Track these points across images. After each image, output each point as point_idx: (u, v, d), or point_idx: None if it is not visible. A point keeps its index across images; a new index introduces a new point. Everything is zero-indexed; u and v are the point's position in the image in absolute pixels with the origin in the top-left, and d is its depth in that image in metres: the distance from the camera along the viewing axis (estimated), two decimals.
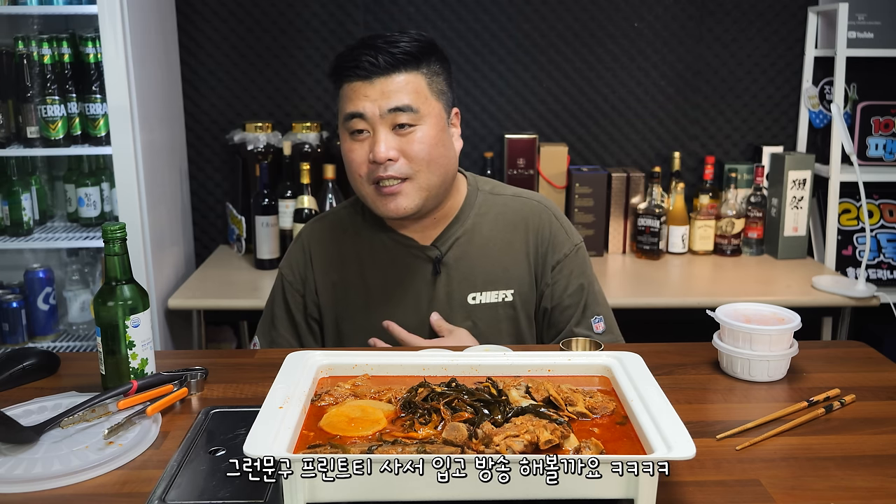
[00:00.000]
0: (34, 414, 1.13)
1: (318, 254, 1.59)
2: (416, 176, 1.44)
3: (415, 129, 1.43)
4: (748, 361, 1.25)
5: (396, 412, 0.98)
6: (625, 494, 0.82)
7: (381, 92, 1.41)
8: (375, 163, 1.41)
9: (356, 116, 1.42)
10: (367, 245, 1.57)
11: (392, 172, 1.42)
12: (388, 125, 1.42)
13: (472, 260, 1.54)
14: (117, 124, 2.28)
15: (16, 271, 2.64)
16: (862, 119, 2.83)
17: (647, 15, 2.88)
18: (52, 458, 1.00)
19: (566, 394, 1.00)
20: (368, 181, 1.44)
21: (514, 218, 1.57)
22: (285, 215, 2.61)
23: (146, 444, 1.05)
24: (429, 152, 1.44)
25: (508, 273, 1.55)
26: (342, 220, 1.61)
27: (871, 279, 2.80)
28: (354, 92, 1.42)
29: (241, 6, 2.82)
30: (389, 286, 1.55)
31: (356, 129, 1.43)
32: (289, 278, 1.61)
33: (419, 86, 1.44)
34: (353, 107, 1.42)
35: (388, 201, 1.44)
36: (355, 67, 1.42)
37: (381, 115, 1.41)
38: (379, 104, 1.41)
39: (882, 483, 0.96)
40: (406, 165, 1.42)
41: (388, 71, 1.41)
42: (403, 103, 1.41)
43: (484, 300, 1.54)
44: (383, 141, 1.41)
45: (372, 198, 1.46)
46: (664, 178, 2.85)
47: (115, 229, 1.18)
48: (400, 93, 1.41)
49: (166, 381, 1.19)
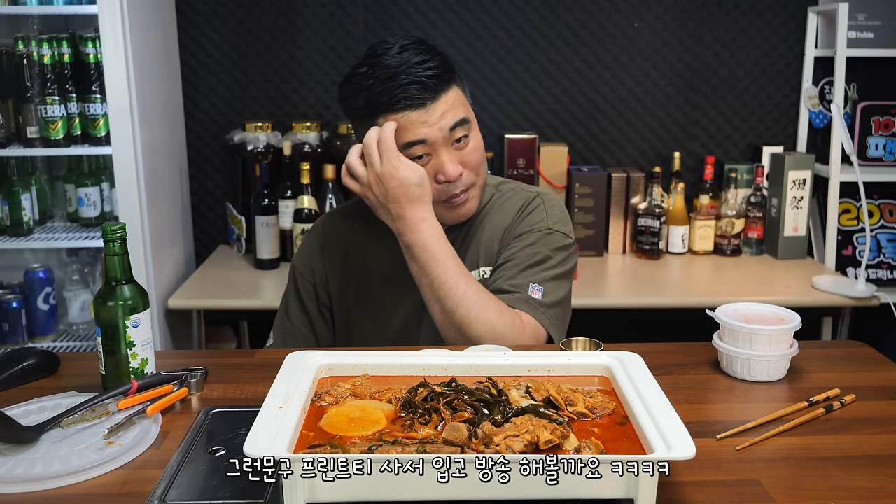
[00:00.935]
0: (34, 414, 1.13)
1: (329, 243, 1.61)
2: (476, 181, 1.49)
3: (469, 140, 1.46)
4: (748, 361, 1.25)
5: (396, 412, 0.98)
6: (625, 494, 0.82)
7: (439, 115, 1.41)
8: (447, 182, 1.44)
9: (417, 144, 1.42)
10: (379, 238, 1.56)
11: (462, 187, 1.46)
12: (450, 143, 1.44)
13: (469, 243, 1.56)
14: (117, 124, 2.28)
15: (16, 271, 2.64)
16: (862, 119, 2.83)
17: (647, 15, 2.88)
18: (52, 458, 1.00)
19: (566, 394, 1.00)
20: (436, 200, 1.45)
21: (508, 204, 1.59)
22: (285, 215, 2.61)
23: (146, 444, 1.05)
24: (481, 156, 1.49)
25: (489, 251, 1.55)
26: (353, 211, 1.63)
27: (871, 279, 2.80)
28: (411, 122, 1.41)
29: (241, 6, 2.82)
30: (398, 279, 1.55)
31: (418, 156, 1.43)
32: (300, 269, 1.62)
33: (461, 96, 1.47)
34: (412, 136, 1.41)
35: (458, 210, 1.49)
36: (405, 99, 1.40)
37: (443, 137, 1.42)
38: (439, 126, 1.41)
39: (882, 483, 0.96)
40: (469, 176, 1.47)
41: (437, 93, 1.41)
42: (460, 117, 1.44)
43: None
44: (450, 162, 1.43)
45: (440, 213, 1.46)
46: (664, 178, 2.86)
47: (115, 229, 1.18)
48: (454, 110, 1.43)
49: (166, 381, 1.19)
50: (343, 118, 2.88)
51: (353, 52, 2.86)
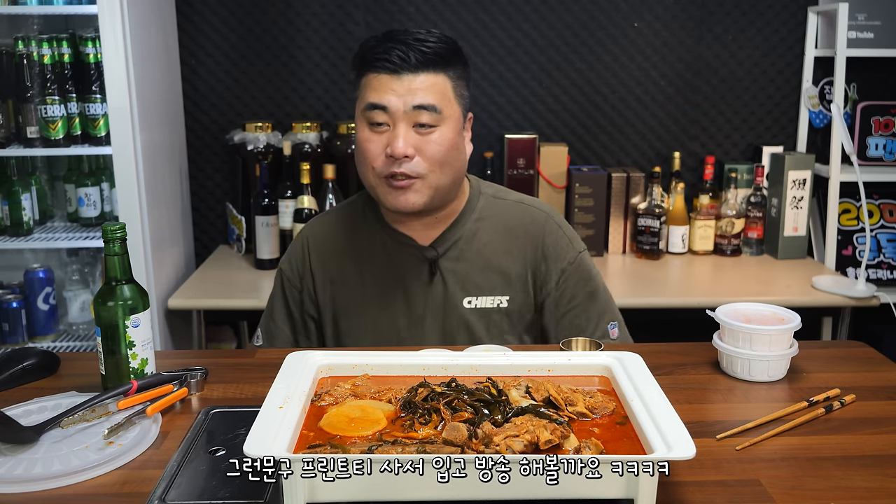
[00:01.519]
0: (34, 414, 1.13)
1: (316, 250, 1.59)
2: (428, 175, 1.44)
3: (434, 130, 1.43)
4: (748, 361, 1.25)
5: (396, 412, 0.98)
6: (625, 494, 0.82)
7: (407, 88, 1.41)
8: (392, 157, 1.41)
9: (378, 108, 1.42)
10: (366, 241, 1.57)
11: (405, 169, 1.42)
12: (409, 122, 1.41)
13: (469, 264, 1.54)
14: (117, 124, 2.28)
15: (16, 271, 2.64)
16: (862, 119, 2.83)
17: (647, 15, 2.88)
18: (52, 458, 1.00)
19: (566, 394, 1.00)
20: (380, 174, 1.44)
21: (514, 224, 1.56)
22: (285, 215, 2.61)
23: (146, 444, 1.05)
24: (444, 154, 1.44)
25: (505, 279, 1.54)
26: (342, 217, 1.61)
27: (871, 279, 2.80)
28: (381, 84, 1.42)
29: (241, 6, 2.82)
30: (386, 284, 1.55)
31: (376, 122, 1.43)
32: (287, 274, 1.61)
33: (444, 87, 1.44)
34: (377, 98, 1.42)
35: (398, 195, 1.44)
36: (385, 59, 1.41)
37: (404, 111, 1.41)
38: (404, 99, 1.40)
39: (882, 483, 0.96)
40: (420, 164, 1.42)
41: (417, 68, 1.41)
42: (428, 102, 1.41)
43: (479, 304, 1.53)
44: (403, 137, 1.41)
45: (381, 189, 1.45)
46: (664, 178, 2.85)
47: (115, 229, 1.18)
48: (426, 91, 1.41)
49: (166, 381, 1.19)
50: (343, 118, 2.88)
51: (353, 51, 2.84)
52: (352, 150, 2.72)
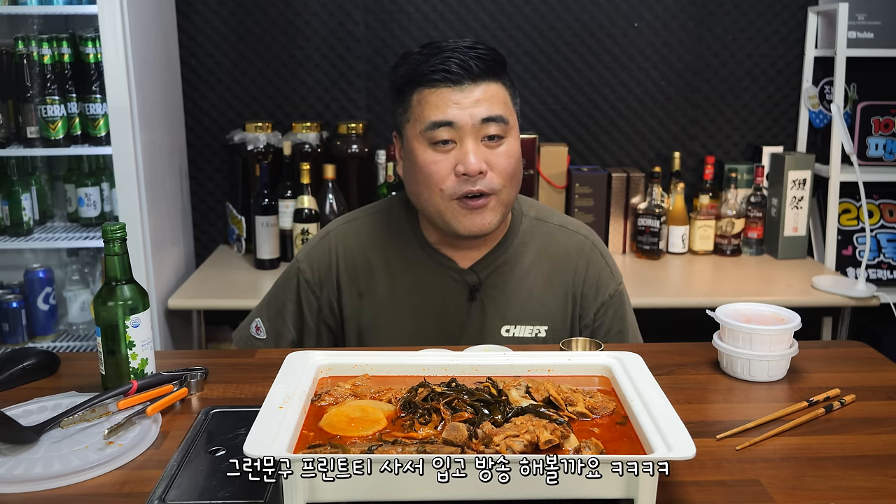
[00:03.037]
0: (34, 414, 1.13)
1: (346, 258, 1.49)
2: (501, 192, 1.36)
3: (503, 142, 1.35)
4: (748, 361, 1.25)
5: (396, 412, 0.98)
6: (625, 494, 0.82)
7: (474, 100, 1.32)
8: (465, 175, 1.32)
9: (444, 125, 1.32)
10: (401, 257, 1.47)
11: (481, 187, 1.33)
12: (478, 136, 1.33)
13: (510, 290, 1.46)
14: (117, 124, 2.28)
15: (16, 271, 2.64)
16: (862, 119, 2.83)
17: (647, 15, 2.88)
18: (52, 458, 1.00)
19: (566, 394, 1.00)
20: (452, 196, 1.34)
21: (558, 252, 1.49)
22: (285, 215, 2.61)
23: (146, 444, 1.05)
24: (514, 167, 1.37)
25: (545, 308, 1.47)
26: (376, 225, 1.51)
27: (871, 279, 2.80)
28: (441, 99, 1.32)
29: (241, 6, 2.82)
30: (421, 305, 1.46)
31: (441, 140, 1.33)
32: (307, 276, 1.50)
33: (505, 97, 1.37)
34: (440, 115, 1.32)
35: (474, 216, 1.35)
36: (444, 71, 1.32)
37: (472, 125, 1.32)
38: (471, 112, 1.32)
39: (882, 483, 0.96)
40: (493, 180, 1.34)
41: (479, 78, 1.33)
42: (497, 113, 1.33)
43: (517, 333, 1.46)
44: (474, 152, 1.32)
45: (453, 214, 1.36)
46: (664, 178, 2.85)
47: (115, 229, 1.18)
48: (492, 101, 1.33)
49: (166, 381, 1.19)
50: (343, 118, 2.88)
51: (353, 52, 2.86)
52: (352, 150, 2.72)
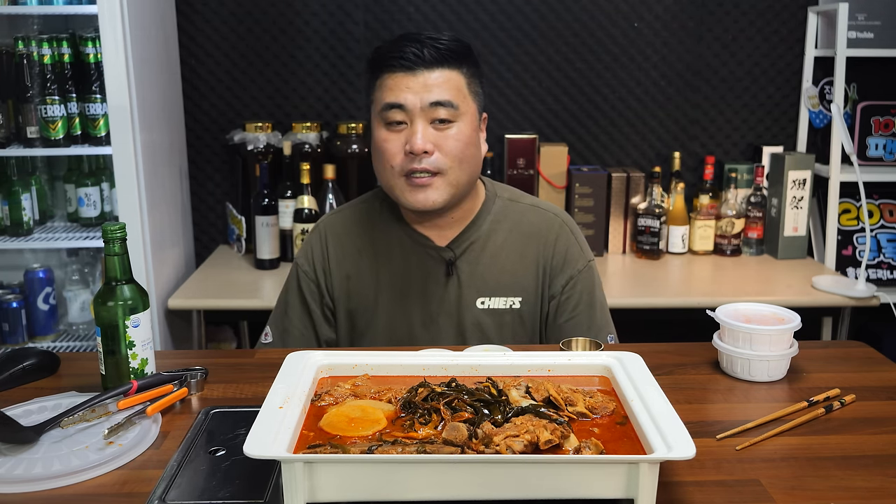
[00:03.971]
0: (34, 414, 1.13)
1: (334, 245, 1.60)
2: (448, 172, 1.45)
3: (452, 126, 1.45)
4: (748, 361, 1.25)
5: (396, 412, 0.98)
6: (625, 494, 0.82)
7: (423, 85, 1.42)
8: (411, 154, 1.42)
9: (396, 107, 1.43)
10: (383, 239, 1.57)
11: (426, 165, 1.43)
12: (427, 118, 1.43)
13: (485, 265, 1.55)
14: (117, 124, 2.28)
15: (16, 271, 2.64)
16: (862, 119, 2.83)
17: (647, 15, 2.88)
18: (52, 458, 1.00)
19: (566, 394, 1.00)
20: (400, 172, 1.45)
21: (530, 229, 1.58)
22: (285, 215, 2.61)
23: (146, 444, 1.05)
24: (462, 150, 1.46)
25: (518, 281, 1.56)
26: (359, 214, 1.62)
27: (871, 279, 2.80)
28: (396, 83, 1.43)
29: (241, 6, 2.82)
30: (401, 282, 1.56)
31: (394, 121, 1.44)
32: (304, 268, 1.61)
33: (459, 83, 1.46)
34: (393, 97, 1.43)
35: (417, 192, 1.45)
36: (400, 58, 1.43)
37: (421, 108, 1.42)
38: (421, 96, 1.42)
39: (882, 483, 0.96)
40: (440, 160, 1.44)
41: (432, 65, 1.43)
42: (445, 98, 1.43)
43: (492, 305, 1.55)
44: (421, 133, 1.42)
45: (401, 189, 1.46)
46: (664, 178, 2.85)
47: (115, 229, 1.18)
48: (442, 87, 1.43)
49: (166, 381, 1.19)
50: (343, 118, 2.88)
51: (353, 52, 2.86)
52: (352, 150, 2.72)
